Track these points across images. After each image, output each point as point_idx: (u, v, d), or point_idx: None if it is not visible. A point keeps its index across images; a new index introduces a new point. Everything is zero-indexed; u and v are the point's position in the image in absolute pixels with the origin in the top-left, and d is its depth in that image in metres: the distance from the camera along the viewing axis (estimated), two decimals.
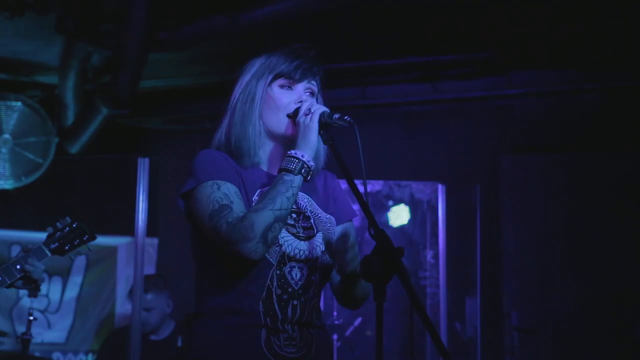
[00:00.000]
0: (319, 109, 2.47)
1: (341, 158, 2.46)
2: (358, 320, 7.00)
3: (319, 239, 2.55)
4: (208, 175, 2.46)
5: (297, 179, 2.41)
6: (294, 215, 2.53)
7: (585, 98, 6.56)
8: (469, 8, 5.51)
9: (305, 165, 2.42)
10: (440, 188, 6.48)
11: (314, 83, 2.63)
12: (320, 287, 2.58)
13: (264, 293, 2.44)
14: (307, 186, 2.61)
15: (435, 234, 6.71)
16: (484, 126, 6.85)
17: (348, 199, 2.80)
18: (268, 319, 2.43)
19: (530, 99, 6.75)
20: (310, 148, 2.44)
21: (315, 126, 2.44)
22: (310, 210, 2.61)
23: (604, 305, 6.14)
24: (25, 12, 5.33)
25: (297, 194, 2.42)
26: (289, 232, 2.49)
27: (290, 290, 2.47)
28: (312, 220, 2.58)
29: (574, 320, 6.19)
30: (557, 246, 6.36)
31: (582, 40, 6.04)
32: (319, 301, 2.60)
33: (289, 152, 2.45)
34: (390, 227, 6.93)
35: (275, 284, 2.45)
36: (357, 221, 7.36)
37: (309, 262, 2.51)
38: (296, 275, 2.48)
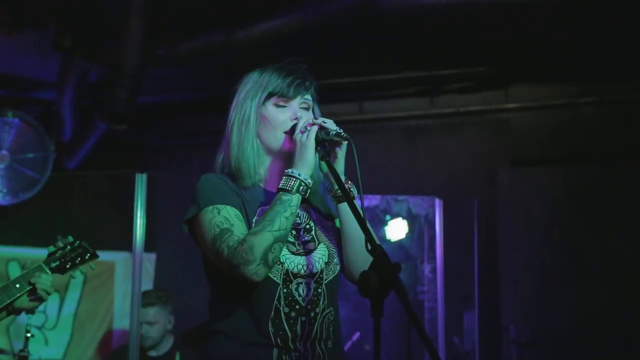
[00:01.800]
0: (315, 127, 2.47)
1: (337, 173, 2.47)
2: (356, 335, 6.96)
3: (321, 251, 2.56)
4: (208, 201, 2.48)
5: (295, 198, 2.42)
6: (293, 232, 2.54)
7: (582, 111, 6.58)
8: (467, 23, 5.54)
9: (302, 184, 2.43)
10: (438, 202, 6.47)
11: (308, 97, 2.63)
12: (330, 298, 2.57)
13: (272, 313, 2.45)
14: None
15: (432, 249, 6.69)
16: (481, 140, 6.87)
17: None
18: (278, 339, 2.44)
19: (527, 113, 6.77)
20: (307, 166, 2.45)
21: (311, 144, 2.45)
22: (312, 220, 2.62)
23: (602, 318, 6.14)
24: (24, 29, 5.35)
25: (295, 212, 2.43)
26: (288, 249, 2.50)
27: (297, 307, 2.48)
28: (313, 232, 2.59)
29: (572, 334, 6.19)
30: (554, 259, 6.36)
31: (578, 53, 6.08)
32: (334, 313, 2.59)
33: (286, 171, 2.45)
34: (388, 241, 6.91)
35: (282, 302, 2.46)
36: None
37: (314, 276, 2.52)
38: (303, 291, 2.49)
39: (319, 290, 2.53)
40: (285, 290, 2.46)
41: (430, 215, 6.76)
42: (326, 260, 2.56)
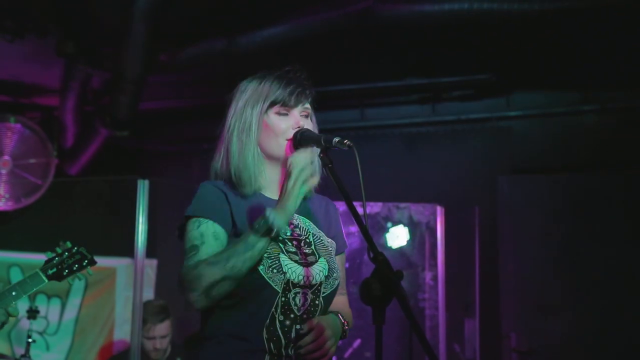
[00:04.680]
0: (309, 179, 2.43)
1: (340, 181, 2.46)
2: (357, 342, 6.96)
3: (321, 264, 2.57)
4: (195, 211, 2.53)
5: (262, 242, 2.38)
6: (295, 242, 2.55)
7: (584, 119, 6.59)
8: (468, 31, 5.55)
9: (273, 230, 2.37)
10: (439, 210, 6.47)
11: (308, 105, 2.65)
12: (326, 311, 2.59)
13: (268, 320, 2.46)
14: (310, 209, 2.66)
15: (434, 256, 6.69)
16: (482, 148, 6.88)
17: (343, 230, 2.81)
18: (271, 345, 2.45)
19: (529, 121, 6.78)
20: (285, 215, 2.40)
21: (298, 194, 2.41)
22: (313, 234, 2.63)
23: (602, 326, 6.13)
24: (26, 35, 5.36)
25: (258, 255, 2.40)
26: (291, 259, 2.50)
27: (292, 315, 2.48)
28: (313, 246, 2.60)
29: (573, 342, 6.19)
30: (555, 268, 6.36)
31: (580, 61, 6.09)
32: None
33: (264, 212, 2.39)
34: (389, 248, 6.92)
35: (279, 310, 2.47)
36: (356, 242, 7.34)
37: (313, 287, 2.52)
38: (299, 300, 2.50)
39: (316, 302, 2.53)
40: (283, 299, 2.47)
41: (432, 223, 6.76)
42: (326, 274, 2.57)
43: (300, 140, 2.56)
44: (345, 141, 2.47)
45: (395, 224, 6.85)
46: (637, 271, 6.12)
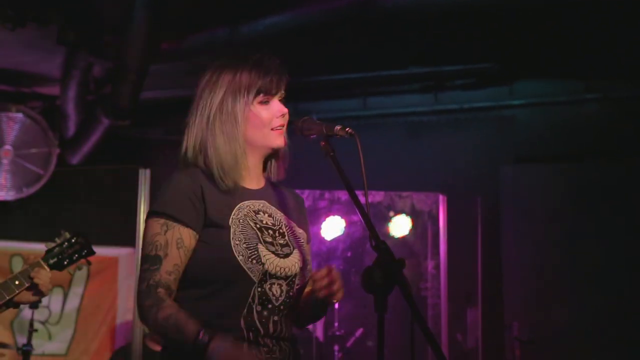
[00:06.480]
0: None
1: (342, 169, 2.46)
2: (359, 331, 6.99)
3: (296, 256, 2.57)
4: (165, 208, 2.49)
5: (187, 347, 2.33)
6: (270, 232, 2.54)
7: (587, 108, 6.58)
8: (471, 19, 5.54)
9: (198, 349, 2.32)
10: (442, 199, 6.48)
11: (284, 91, 2.63)
12: (295, 302, 2.58)
13: (245, 310, 2.44)
14: (280, 200, 2.65)
15: (436, 245, 6.71)
16: (485, 136, 6.87)
17: (308, 224, 2.80)
18: (250, 334, 2.44)
19: (532, 110, 6.77)
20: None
21: None
22: (285, 225, 2.62)
23: (605, 316, 6.13)
24: (27, 24, 5.35)
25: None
26: (268, 250, 2.49)
27: (270, 306, 2.48)
28: (287, 237, 2.59)
29: (575, 331, 6.19)
30: (558, 256, 6.36)
31: (583, 50, 6.07)
32: (292, 314, 2.60)
33: (201, 336, 2.33)
34: (391, 237, 6.93)
35: (256, 300, 2.46)
36: (358, 231, 7.32)
37: (288, 279, 2.52)
38: (276, 291, 2.49)
39: (290, 293, 2.53)
40: (259, 289, 2.46)
41: (434, 212, 6.78)
42: (300, 266, 2.57)
43: (302, 128, 2.55)
44: (347, 129, 2.46)
45: (397, 213, 6.86)
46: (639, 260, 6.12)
